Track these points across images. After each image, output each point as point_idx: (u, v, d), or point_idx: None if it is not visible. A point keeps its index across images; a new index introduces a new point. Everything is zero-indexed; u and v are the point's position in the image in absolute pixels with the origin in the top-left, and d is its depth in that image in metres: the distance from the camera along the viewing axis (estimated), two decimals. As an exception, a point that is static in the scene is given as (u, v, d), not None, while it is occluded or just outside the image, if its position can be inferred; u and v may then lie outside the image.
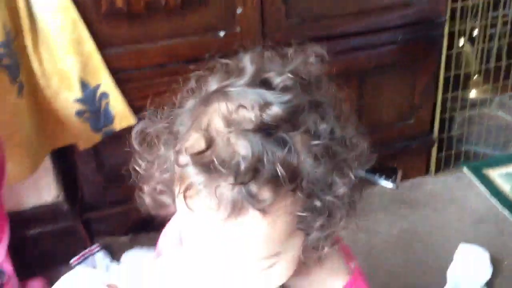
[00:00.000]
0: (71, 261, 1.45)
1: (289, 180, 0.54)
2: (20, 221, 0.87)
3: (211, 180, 0.53)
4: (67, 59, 1.26)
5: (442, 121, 1.74)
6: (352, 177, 0.59)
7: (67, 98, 1.29)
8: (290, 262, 0.62)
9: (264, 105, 0.55)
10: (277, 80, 0.57)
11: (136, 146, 0.63)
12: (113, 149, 1.43)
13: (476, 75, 1.78)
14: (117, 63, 1.34)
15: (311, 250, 0.63)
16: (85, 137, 1.36)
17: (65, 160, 1.46)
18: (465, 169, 1.79)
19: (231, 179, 0.53)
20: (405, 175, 1.75)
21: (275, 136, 0.55)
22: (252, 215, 0.54)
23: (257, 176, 0.53)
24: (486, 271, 1.46)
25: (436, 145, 1.77)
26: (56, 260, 1.44)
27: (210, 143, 0.55)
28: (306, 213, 0.57)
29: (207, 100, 0.58)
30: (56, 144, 1.36)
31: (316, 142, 0.57)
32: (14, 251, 1.22)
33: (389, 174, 1.71)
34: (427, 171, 1.81)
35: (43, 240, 1.43)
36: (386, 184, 1.72)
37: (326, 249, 0.62)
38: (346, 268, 0.71)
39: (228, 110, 0.56)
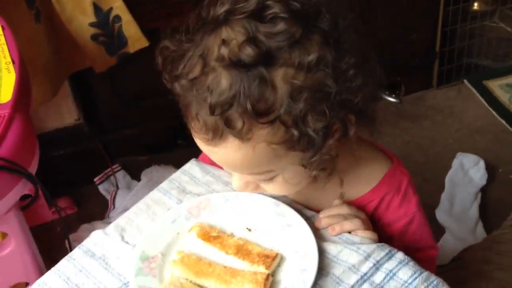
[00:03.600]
0: (95, 179, 1.52)
1: (264, 114, 0.58)
2: (44, 143, 0.93)
3: (197, 105, 0.60)
4: (79, -17, 1.26)
5: (444, 34, 1.74)
6: (328, 112, 0.59)
7: (82, 22, 1.30)
8: (293, 174, 0.66)
9: (250, 40, 0.57)
10: (272, 10, 0.58)
11: (159, 63, 0.64)
12: (128, 72, 1.46)
13: (479, -13, 1.77)
14: (128, -14, 1.34)
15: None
16: (100, 61, 1.38)
17: (83, 85, 1.48)
18: (465, 81, 1.82)
19: (209, 108, 0.58)
20: (408, 89, 1.78)
21: (254, 71, 0.57)
22: (232, 141, 0.60)
23: (232, 108, 0.58)
24: (481, 178, 1.52)
25: (438, 58, 1.79)
26: (80, 180, 1.51)
27: (201, 72, 0.59)
28: (284, 143, 0.60)
29: (211, 26, 0.60)
30: (74, 68, 1.39)
31: (297, 76, 0.58)
32: (39, 173, 1.27)
33: (393, 88, 1.74)
34: (429, 85, 1.84)
35: (66, 161, 1.49)
36: (390, 98, 1.76)
37: (315, 172, 0.65)
38: (386, 157, 0.78)
39: (221, 41, 0.58)
